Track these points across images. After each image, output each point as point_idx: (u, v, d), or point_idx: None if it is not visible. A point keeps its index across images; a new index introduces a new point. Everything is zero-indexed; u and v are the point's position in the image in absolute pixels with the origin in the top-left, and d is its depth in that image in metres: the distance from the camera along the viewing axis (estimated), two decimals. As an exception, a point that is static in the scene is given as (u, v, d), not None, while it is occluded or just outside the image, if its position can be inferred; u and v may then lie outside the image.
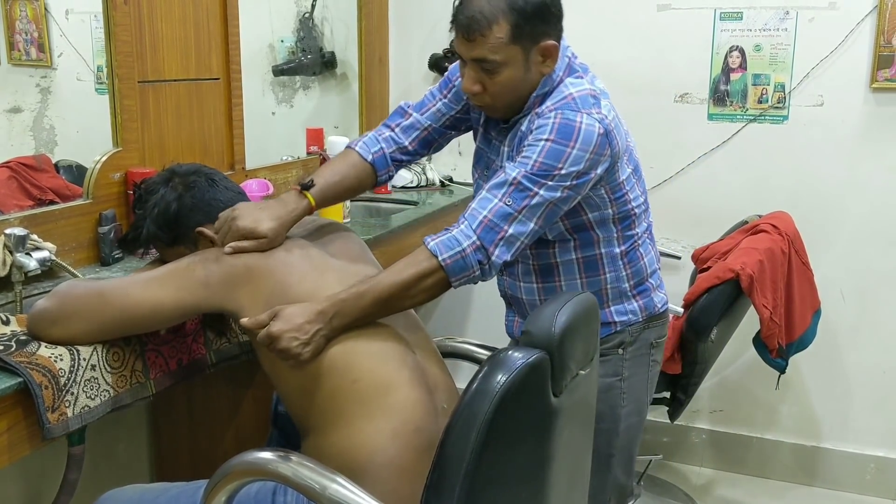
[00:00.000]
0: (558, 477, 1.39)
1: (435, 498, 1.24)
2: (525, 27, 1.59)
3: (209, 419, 2.24)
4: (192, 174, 1.69)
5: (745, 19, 2.87)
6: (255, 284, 1.50)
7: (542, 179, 1.58)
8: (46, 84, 2.17)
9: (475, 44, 1.60)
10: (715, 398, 3.12)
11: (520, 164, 1.60)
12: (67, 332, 1.46)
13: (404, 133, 1.89)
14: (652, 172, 3.01)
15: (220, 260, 1.51)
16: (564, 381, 1.33)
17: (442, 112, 1.89)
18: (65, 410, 1.41)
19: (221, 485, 1.36)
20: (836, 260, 2.88)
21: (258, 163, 2.60)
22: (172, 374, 1.66)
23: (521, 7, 1.59)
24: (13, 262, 1.72)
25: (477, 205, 1.60)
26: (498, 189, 1.60)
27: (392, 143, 1.88)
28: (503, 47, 1.60)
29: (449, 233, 1.59)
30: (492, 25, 1.58)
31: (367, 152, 1.85)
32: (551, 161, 1.58)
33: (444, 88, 1.90)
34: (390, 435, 1.45)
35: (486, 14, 1.58)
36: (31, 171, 2.04)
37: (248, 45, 2.56)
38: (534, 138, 1.62)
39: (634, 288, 1.81)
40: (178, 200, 1.64)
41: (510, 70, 1.63)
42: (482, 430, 1.21)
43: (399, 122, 1.90)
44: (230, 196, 1.68)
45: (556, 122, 1.61)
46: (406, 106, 1.93)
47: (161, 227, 1.66)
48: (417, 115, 1.90)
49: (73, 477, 1.81)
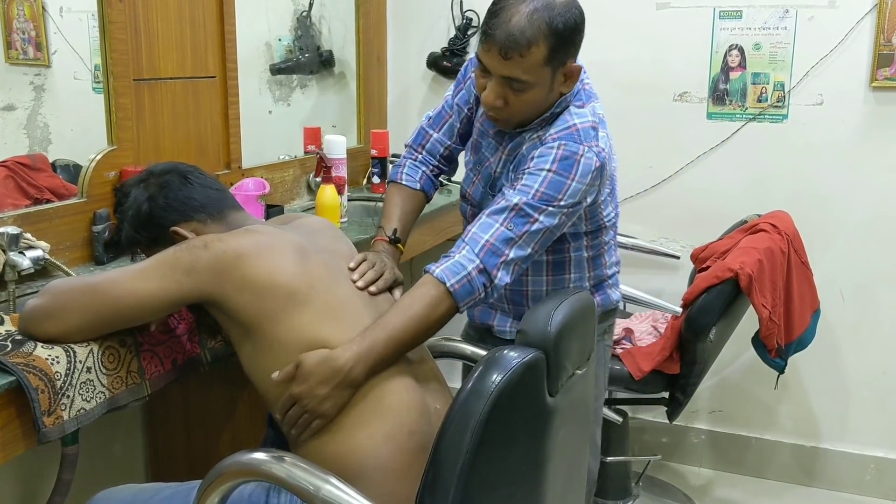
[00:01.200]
0: (554, 477, 1.38)
1: (430, 498, 1.23)
2: (560, 50, 1.60)
3: (205, 419, 2.23)
4: (165, 173, 1.66)
5: (744, 18, 2.86)
6: (243, 271, 1.46)
7: (542, 206, 1.62)
8: (40, 82, 2.16)
9: (510, 63, 1.58)
10: (714, 398, 3.11)
11: (520, 191, 1.63)
12: (61, 326, 1.45)
13: (430, 154, 1.99)
14: (651, 172, 3.02)
15: (208, 246, 1.48)
16: (560, 381, 1.32)
17: (456, 125, 1.95)
18: (60, 414, 1.40)
19: (215, 485, 1.35)
20: (835, 259, 2.87)
21: (255, 162, 2.59)
22: (168, 374, 1.65)
23: (560, 30, 1.58)
24: (6, 261, 1.71)
25: (478, 229, 1.62)
26: (499, 214, 1.62)
27: (426, 166, 1.98)
28: (537, 69, 1.59)
29: (451, 259, 1.60)
30: (531, 47, 1.56)
31: (415, 182, 1.95)
32: (552, 192, 1.62)
33: (455, 94, 1.94)
34: (383, 438, 1.44)
35: (528, 35, 1.56)
36: (28, 170, 2.03)
37: (245, 43, 2.54)
38: (535, 167, 1.65)
39: (594, 287, 1.91)
40: (149, 201, 1.63)
41: (537, 90, 1.63)
42: (477, 429, 1.20)
43: (422, 143, 1.99)
44: (207, 194, 1.65)
45: (558, 154, 1.64)
46: (426, 123, 2.00)
47: (137, 230, 1.65)
48: (436, 134, 1.97)
49: (67, 477, 1.80)
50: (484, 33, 1.61)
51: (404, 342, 1.51)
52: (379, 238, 1.84)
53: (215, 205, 1.65)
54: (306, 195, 2.83)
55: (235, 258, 1.47)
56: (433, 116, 2.00)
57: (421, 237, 2.64)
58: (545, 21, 1.56)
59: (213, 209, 1.64)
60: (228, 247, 1.48)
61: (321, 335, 1.47)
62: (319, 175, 2.61)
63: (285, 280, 1.48)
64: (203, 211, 1.63)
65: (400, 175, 1.96)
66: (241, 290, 1.46)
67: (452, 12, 3.14)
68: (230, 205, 1.69)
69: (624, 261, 3.06)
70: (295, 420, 1.46)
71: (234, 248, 1.48)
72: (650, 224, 3.04)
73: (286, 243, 1.55)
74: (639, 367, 2.45)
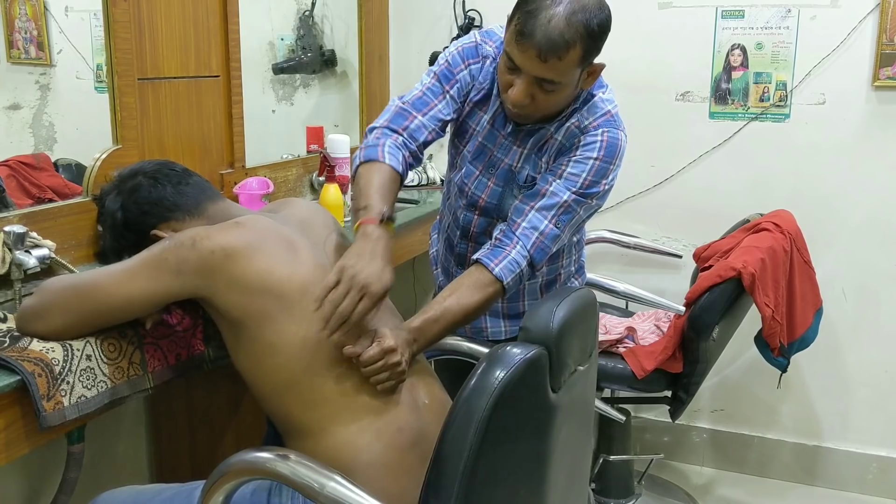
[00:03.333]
0: (557, 473, 1.39)
1: (434, 495, 1.23)
2: (593, 50, 1.61)
3: (209, 418, 2.24)
4: (133, 177, 1.66)
5: (746, 17, 2.86)
6: (231, 272, 1.44)
7: (586, 200, 1.70)
8: (46, 81, 2.16)
9: (547, 65, 1.57)
10: (716, 397, 3.11)
11: (568, 181, 1.69)
12: (49, 326, 1.45)
13: (412, 138, 1.78)
14: (653, 171, 3.02)
15: (195, 245, 1.45)
16: (563, 377, 1.33)
17: (443, 114, 1.81)
18: (61, 399, 1.41)
19: (219, 484, 1.35)
20: (837, 258, 2.87)
21: (258, 161, 2.59)
22: (171, 369, 1.65)
23: (594, 31, 1.57)
24: (12, 260, 1.72)
25: (528, 224, 1.69)
26: (548, 210, 1.69)
27: (406, 149, 1.77)
28: (571, 70, 1.60)
29: (506, 254, 1.67)
30: (570, 50, 1.55)
31: (398, 163, 1.72)
32: (598, 178, 1.69)
33: (444, 86, 1.82)
34: (374, 434, 1.44)
35: (567, 38, 1.54)
36: (30, 169, 2.03)
37: (248, 42, 2.54)
38: (582, 156, 1.69)
39: (576, 271, 2.03)
40: (122, 209, 1.63)
41: (566, 89, 1.65)
42: (481, 426, 1.20)
43: (405, 125, 1.78)
44: (179, 190, 1.63)
45: (603, 141, 1.69)
46: (403, 104, 1.81)
47: (116, 239, 1.65)
48: (421, 117, 1.79)
49: (72, 476, 1.81)
50: (520, 33, 1.56)
51: (456, 325, 1.64)
52: (367, 220, 1.57)
53: (189, 200, 1.64)
54: (309, 194, 2.83)
55: (224, 258, 1.45)
56: (413, 101, 1.81)
57: (423, 236, 2.64)
58: (583, 23, 1.55)
59: (189, 205, 1.63)
60: (217, 245, 1.45)
61: (311, 337, 1.46)
62: (323, 174, 2.61)
63: (275, 281, 1.46)
64: (177, 209, 1.62)
65: (381, 154, 1.71)
66: (230, 290, 1.45)
67: (454, 11, 3.15)
68: (208, 196, 1.67)
69: (626, 260, 3.10)
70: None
71: (222, 247, 1.45)
72: (652, 223, 3.05)
73: (276, 239, 1.52)
74: (641, 366, 2.45)
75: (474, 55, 1.83)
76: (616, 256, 3.07)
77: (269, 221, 1.58)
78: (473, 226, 1.92)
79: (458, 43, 1.86)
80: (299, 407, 1.47)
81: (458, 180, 1.91)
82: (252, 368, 1.50)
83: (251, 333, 1.47)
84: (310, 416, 1.47)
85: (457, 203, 1.94)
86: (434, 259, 2.19)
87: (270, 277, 1.46)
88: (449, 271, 2.04)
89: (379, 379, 1.46)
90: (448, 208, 2.02)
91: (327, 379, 1.46)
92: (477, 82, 1.83)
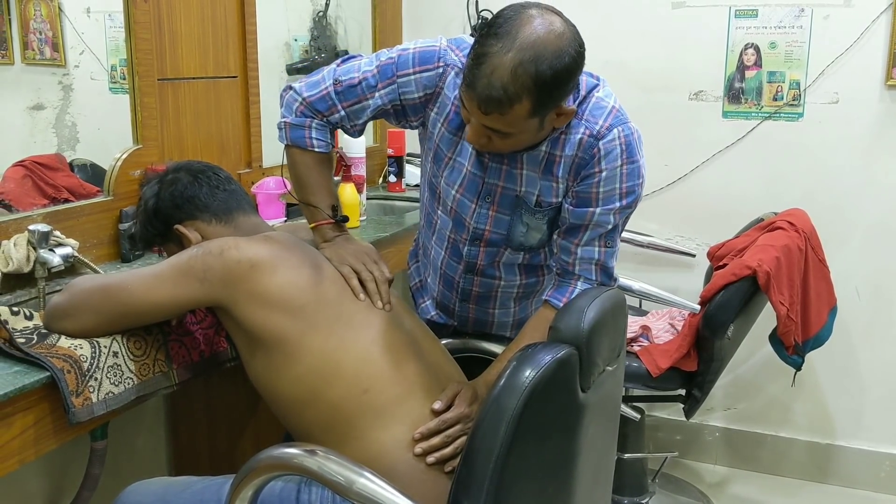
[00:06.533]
0: (584, 471, 1.40)
1: (464, 492, 1.24)
2: (548, 101, 1.45)
3: (228, 415, 2.25)
4: (177, 171, 1.68)
5: (760, 17, 2.87)
6: (254, 284, 1.47)
7: (629, 208, 1.63)
8: (69, 82, 2.18)
9: (490, 118, 1.45)
10: (729, 396, 3.12)
11: (606, 203, 1.60)
12: (77, 325, 1.48)
13: (331, 125, 1.73)
14: (666, 170, 3.03)
15: (223, 254, 1.48)
16: (592, 377, 1.34)
17: (368, 111, 1.70)
18: (89, 395, 1.42)
19: (248, 479, 1.35)
20: (850, 257, 2.88)
21: (275, 161, 2.57)
22: (195, 366, 1.67)
23: (546, 81, 1.40)
24: (37, 258, 1.73)
25: (581, 257, 1.64)
26: (596, 241, 1.64)
27: (331, 126, 1.74)
28: (520, 122, 1.46)
29: (572, 288, 1.65)
30: (513, 105, 1.41)
31: (326, 146, 1.73)
32: (633, 180, 1.60)
33: (380, 83, 1.67)
34: (409, 443, 1.44)
35: (510, 94, 1.39)
36: (45, 169, 2.04)
37: (264, 43, 2.56)
38: (608, 167, 1.58)
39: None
40: (155, 197, 1.65)
41: (523, 136, 1.52)
42: (511, 425, 1.22)
43: (326, 113, 1.71)
44: (214, 194, 1.65)
45: (621, 143, 1.57)
46: (336, 85, 1.69)
47: (144, 225, 1.68)
48: (344, 110, 1.70)
49: (95, 471, 1.83)
50: (464, 79, 1.44)
51: None
52: (323, 221, 1.68)
53: (221, 206, 1.65)
54: (324, 194, 2.83)
55: (249, 268, 1.47)
56: (345, 87, 1.68)
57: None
58: (531, 76, 1.38)
59: (218, 210, 1.65)
60: (244, 255, 1.48)
61: (329, 355, 1.48)
62: (339, 174, 2.62)
63: (296, 296, 1.48)
64: (207, 210, 1.64)
65: (309, 141, 1.69)
66: (250, 302, 1.47)
67: (468, 12, 3.15)
68: (240, 207, 1.68)
69: (639, 259, 3.10)
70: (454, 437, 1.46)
71: (249, 258, 1.48)
72: (666, 222, 3.06)
73: (301, 255, 1.55)
74: (656, 365, 2.46)
75: (430, 61, 1.64)
76: (630, 255, 3.08)
77: (297, 240, 1.62)
78: (480, 259, 1.78)
79: (420, 43, 1.68)
80: (319, 418, 1.48)
81: (452, 214, 1.76)
82: (265, 381, 1.52)
83: (267, 347, 1.48)
84: (334, 427, 1.47)
85: (456, 236, 1.78)
86: (419, 291, 2.02)
87: (291, 292, 1.48)
88: (449, 309, 1.90)
89: (434, 446, 1.46)
90: (438, 242, 1.84)
91: (354, 389, 1.46)
92: (440, 101, 1.67)
